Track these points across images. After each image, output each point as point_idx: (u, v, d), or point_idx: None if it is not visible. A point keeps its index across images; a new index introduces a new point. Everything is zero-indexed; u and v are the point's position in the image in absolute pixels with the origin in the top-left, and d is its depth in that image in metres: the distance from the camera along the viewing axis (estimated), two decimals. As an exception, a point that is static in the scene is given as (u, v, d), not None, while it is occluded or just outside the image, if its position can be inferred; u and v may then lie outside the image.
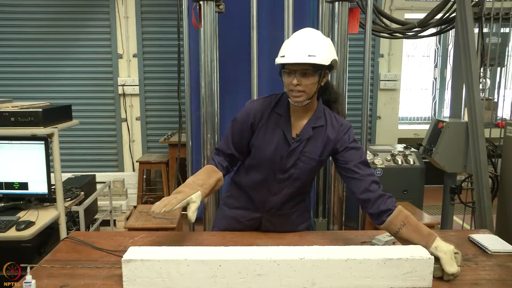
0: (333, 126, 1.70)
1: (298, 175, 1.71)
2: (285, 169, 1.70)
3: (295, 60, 1.53)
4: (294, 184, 1.73)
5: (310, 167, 1.71)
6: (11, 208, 2.43)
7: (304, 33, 1.61)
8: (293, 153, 1.68)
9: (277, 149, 1.68)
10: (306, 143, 1.68)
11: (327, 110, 1.74)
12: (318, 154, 1.69)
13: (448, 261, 1.39)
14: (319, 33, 1.63)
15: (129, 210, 4.55)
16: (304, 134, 1.68)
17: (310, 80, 1.57)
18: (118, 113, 5.21)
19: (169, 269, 1.30)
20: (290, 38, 1.62)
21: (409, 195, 3.34)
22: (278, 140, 1.68)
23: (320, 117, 1.70)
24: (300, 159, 1.69)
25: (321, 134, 1.69)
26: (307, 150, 1.68)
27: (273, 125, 1.70)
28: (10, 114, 2.38)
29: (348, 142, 1.70)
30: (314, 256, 1.32)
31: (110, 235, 1.80)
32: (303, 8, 3.11)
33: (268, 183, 1.74)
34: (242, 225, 1.85)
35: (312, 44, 1.55)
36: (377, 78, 5.35)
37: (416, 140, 3.78)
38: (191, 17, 2.60)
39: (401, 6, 5.23)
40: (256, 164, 1.75)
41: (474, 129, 2.99)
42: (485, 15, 3.13)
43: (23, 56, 5.09)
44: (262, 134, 1.71)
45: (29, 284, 1.31)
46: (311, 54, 1.52)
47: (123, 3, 4.99)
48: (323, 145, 1.69)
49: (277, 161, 1.69)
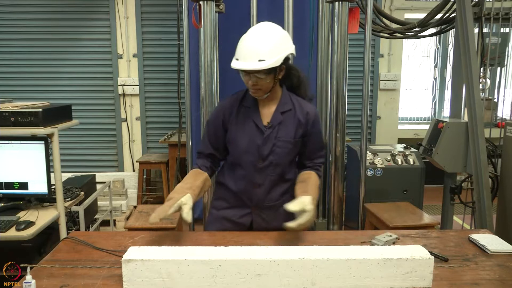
0: (302, 110, 1.80)
1: (277, 160, 1.78)
2: (263, 157, 1.77)
3: (245, 67, 1.62)
4: (276, 171, 1.80)
5: (288, 150, 1.78)
6: (11, 208, 2.43)
7: (257, 33, 1.67)
8: (268, 139, 1.76)
9: (251, 139, 1.76)
10: (279, 128, 1.77)
11: (293, 95, 1.83)
12: (291, 136, 1.78)
13: (299, 215, 1.57)
14: (271, 30, 1.67)
15: (129, 210, 4.55)
16: (275, 120, 1.77)
17: (265, 80, 1.67)
18: (118, 113, 5.21)
19: (169, 269, 1.30)
20: (244, 37, 1.67)
21: (409, 195, 3.34)
22: (251, 130, 1.77)
23: (286, 102, 1.80)
24: (276, 144, 1.76)
25: (291, 117, 1.78)
26: (281, 134, 1.77)
27: (243, 118, 1.79)
28: (10, 114, 2.38)
29: (313, 128, 1.82)
30: (314, 256, 1.32)
31: (110, 235, 1.80)
32: (303, 8, 3.11)
33: (251, 175, 1.79)
34: (234, 224, 1.86)
35: (263, 47, 1.61)
36: (377, 78, 5.35)
37: (416, 140, 3.78)
38: (191, 17, 2.60)
39: (401, 6, 5.23)
40: (236, 159, 1.82)
41: (474, 129, 2.99)
42: (485, 15, 3.12)
43: (23, 56, 5.09)
44: (234, 128, 1.79)
45: (29, 284, 1.31)
46: (261, 58, 1.60)
47: (123, 3, 4.99)
48: (295, 127, 1.78)
49: (254, 151, 1.76)
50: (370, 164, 3.34)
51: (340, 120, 2.81)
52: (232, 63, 1.67)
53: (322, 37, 3.08)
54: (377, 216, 2.78)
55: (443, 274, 1.45)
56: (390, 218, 2.69)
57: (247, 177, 1.80)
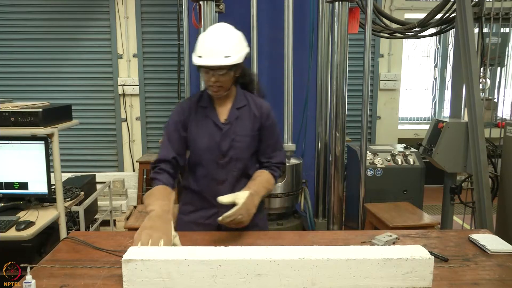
0: (256, 104, 1.86)
1: (238, 155, 1.81)
2: (223, 152, 1.80)
3: (212, 63, 1.65)
4: (237, 166, 1.83)
5: (246, 144, 1.83)
6: (11, 208, 2.43)
7: (218, 31, 1.71)
8: (226, 136, 1.80)
9: (210, 137, 1.80)
10: (236, 123, 1.82)
11: (246, 93, 1.90)
12: (249, 129, 1.83)
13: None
14: (231, 29, 1.74)
15: (129, 210, 4.55)
16: (231, 116, 1.82)
17: (227, 76, 1.71)
18: (118, 113, 5.21)
19: (169, 269, 1.30)
20: (206, 36, 1.71)
21: (409, 195, 3.34)
22: (209, 129, 1.81)
23: (241, 99, 1.85)
24: (235, 139, 1.80)
25: (247, 112, 1.84)
26: (238, 129, 1.81)
27: (201, 117, 1.82)
28: (10, 114, 2.38)
29: (267, 120, 1.85)
30: (314, 256, 1.32)
31: (110, 235, 1.80)
32: (303, 8, 3.11)
33: (213, 173, 1.82)
34: (202, 226, 1.85)
35: (227, 44, 1.67)
36: (377, 78, 5.36)
37: (416, 140, 3.78)
38: (191, 17, 2.60)
39: (401, 6, 5.24)
40: (197, 158, 1.84)
41: (474, 129, 2.99)
42: (485, 15, 3.13)
43: (23, 56, 5.09)
44: (194, 128, 1.82)
45: (29, 284, 1.31)
46: (226, 55, 1.66)
47: (123, 3, 4.99)
48: (251, 121, 1.83)
49: (214, 148, 1.79)
50: (370, 164, 3.34)
51: (340, 120, 2.81)
52: (195, 60, 1.68)
53: (322, 37, 3.08)
54: (377, 216, 2.78)
55: (443, 274, 1.45)
56: (390, 218, 2.69)
57: (210, 175, 1.82)
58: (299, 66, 3.00)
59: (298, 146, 3.09)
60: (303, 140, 3.21)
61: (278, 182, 2.80)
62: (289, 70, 2.80)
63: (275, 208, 2.87)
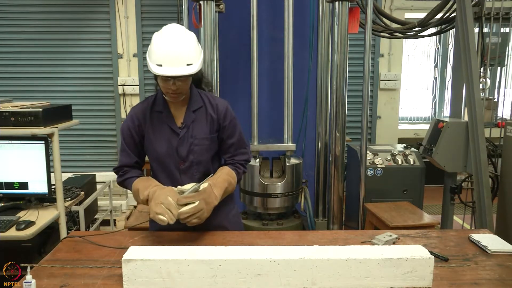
0: (212, 105, 1.81)
1: (198, 159, 1.78)
2: (183, 157, 1.77)
3: (176, 73, 1.59)
4: (199, 169, 1.79)
5: (206, 147, 1.79)
6: (11, 208, 2.43)
7: (175, 36, 1.62)
8: (184, 140, 1.76)
9: (168, 142, 1.76)
10: (193, 126, 1.77)
11: (202, 92, 1.85)
12: (207, 132, 1.79)
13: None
14: (186, 33, 1.66)
15: (129, 210, 4.55)
16: (188, 119, 1.77)
17: (187, 82, 1.68)
18: (118, 113, 5.20)
19: (169, 269, 1.30)
20: (163, 42, 1.61)
21: (409, 195, 3.34)
22: (166, 134, 1.76)
23: (196, 100, 1.80)
24: (194, 143, 1.76)
25: (203, 114, 1.79)
26: (196, 132, 1.77)
27: (157, 123, 1.77)
28: (10, 114, 2.38)
29: (225, 120, 1.81)
30: (314, 256, 1.32)
31: (110, 235, 1.80)
32: (303, 8, 3.11)
33: (175, 177, 1.78)
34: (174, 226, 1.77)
35: (187, 51, 1.61)
36: (377, 78, 5.35)
37: (416, 140, 3.78)
38: (191, 17, 2.60)
39: (401, 6, 5.24)
40: (158, 164, 1.80)
41: (474, 129, 2.99)
42: (485, 15, 3.13)
43: (23, 56, 5.09)
44: (151, 135, 1.78)
45: (29, 284, 1.31)
46: (189, 62, 1.61)
47: (123, 3, 4.99)
48: (208, 123, 1.79)
49: (173, 154, 1.76)
50: (370, 164, 3.34)
51: (340, 120, 2.81)
52: (154, 69, 1.60)
53: (322, 37, 3.08)
54: (377, 216, 2.78)
55: (443, 274, 1.45)
56: (390, 218, 2.69)
57: (173, 179, 1.77)
58: (299, 66, 3.00)
59: (298, 146, 3.09)
60: (303, 140, 3.21)
61: (278, 182, 2.80)
62: (289, 70, 2.80)
63: (275, 208, 2.86)
